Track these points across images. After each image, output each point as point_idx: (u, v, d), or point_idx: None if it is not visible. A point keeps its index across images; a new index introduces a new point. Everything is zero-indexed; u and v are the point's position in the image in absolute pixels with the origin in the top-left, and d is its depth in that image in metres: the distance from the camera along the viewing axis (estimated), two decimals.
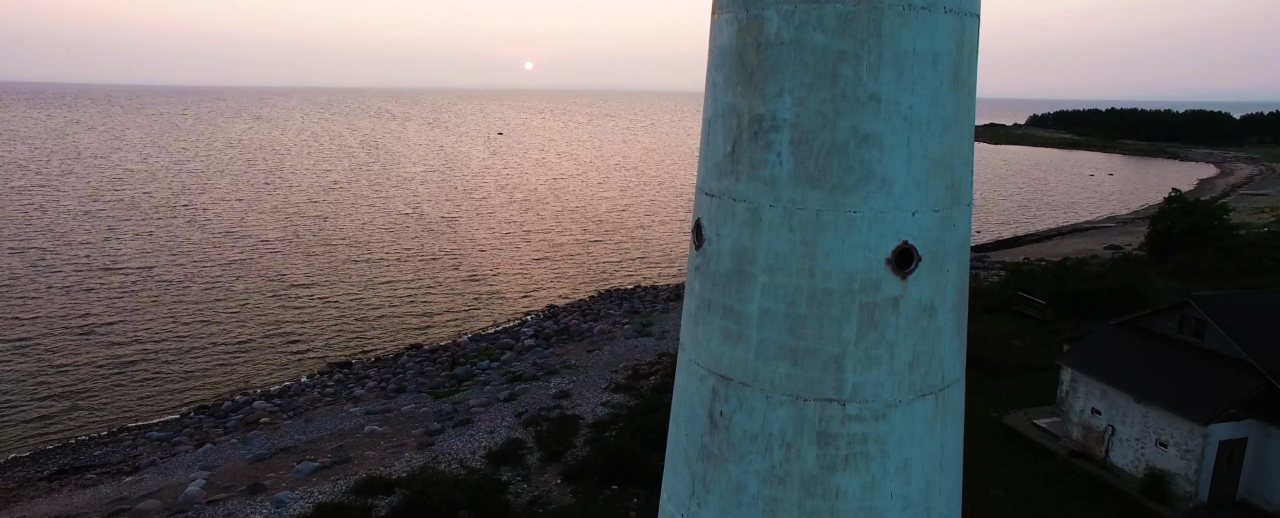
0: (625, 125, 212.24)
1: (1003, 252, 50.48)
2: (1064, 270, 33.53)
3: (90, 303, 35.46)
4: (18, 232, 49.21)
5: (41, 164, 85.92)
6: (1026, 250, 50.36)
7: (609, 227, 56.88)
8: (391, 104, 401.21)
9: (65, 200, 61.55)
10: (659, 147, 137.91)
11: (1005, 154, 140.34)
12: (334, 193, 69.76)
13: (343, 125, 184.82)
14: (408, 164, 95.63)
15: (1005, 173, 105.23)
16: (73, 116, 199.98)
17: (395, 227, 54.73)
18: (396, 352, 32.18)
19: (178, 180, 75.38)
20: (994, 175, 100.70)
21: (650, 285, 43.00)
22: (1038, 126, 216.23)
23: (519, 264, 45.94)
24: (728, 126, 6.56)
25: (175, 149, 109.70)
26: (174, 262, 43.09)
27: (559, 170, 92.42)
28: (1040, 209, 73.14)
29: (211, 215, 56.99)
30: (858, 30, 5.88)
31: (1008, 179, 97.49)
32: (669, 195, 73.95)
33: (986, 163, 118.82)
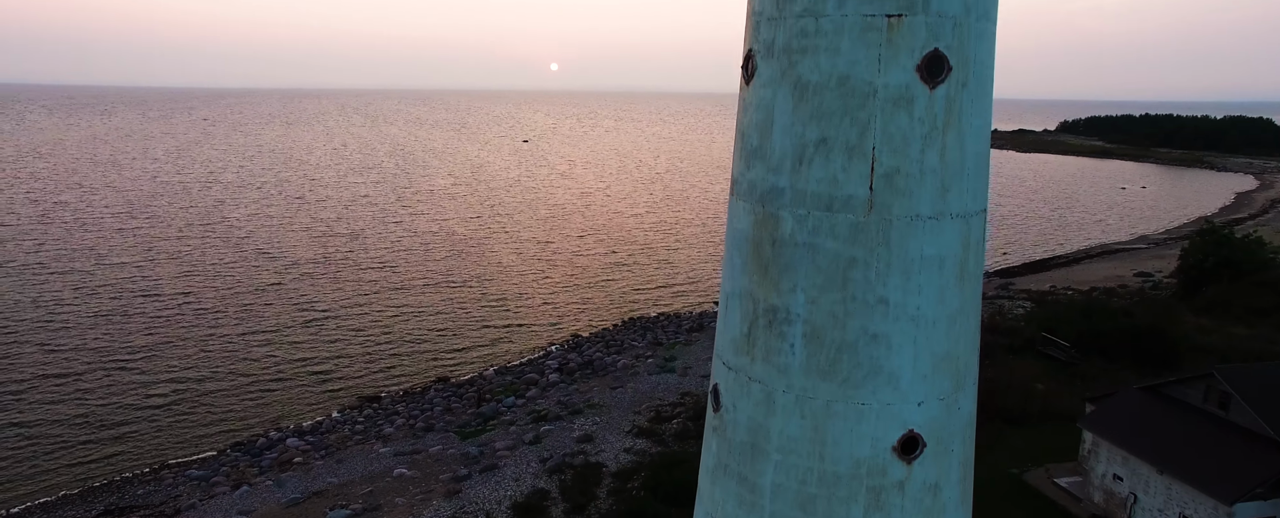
0: (650, 133, 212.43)
1: (1029, 277, 50.04)
2: (1090, 308, 33.29)
3: (129, 332, 36.57)
4: (61, 251, 50.76)
5: (83, 175, 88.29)
6: (1053, 276, 49.88)
7: (633, 248, 57.28)
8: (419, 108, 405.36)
9: (105, 217, 63.25)
10: (684, 156, 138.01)
11: (1034, 163, 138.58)
12: (363, 209, 70.93)
13: (371, 132, 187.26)
14: (436, 176, 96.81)
15: (1034, 184, 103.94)
16: (112, 124, 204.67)
17: (423, 247, 55.58)
18: (424, 385, 32.84)
19: (211, 194, 77.07)
20: (1023, 188, 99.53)
21: (673, 313, 43.31)
22: (1068, 133, 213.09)
23: (544, 289, 46.47)
24: (744, 309, 6.92)
25: (210, 159, 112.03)
26: (208, 286, 44.22)
27: (584, 184, 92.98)
28: (1069, 227, 72.26)
29: (245, 233, 58.28)
30: (867, 239, 6.20)
31: (1037, 192, 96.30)
32: (693, 213, 74.17)
33: (1015, 172, 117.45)
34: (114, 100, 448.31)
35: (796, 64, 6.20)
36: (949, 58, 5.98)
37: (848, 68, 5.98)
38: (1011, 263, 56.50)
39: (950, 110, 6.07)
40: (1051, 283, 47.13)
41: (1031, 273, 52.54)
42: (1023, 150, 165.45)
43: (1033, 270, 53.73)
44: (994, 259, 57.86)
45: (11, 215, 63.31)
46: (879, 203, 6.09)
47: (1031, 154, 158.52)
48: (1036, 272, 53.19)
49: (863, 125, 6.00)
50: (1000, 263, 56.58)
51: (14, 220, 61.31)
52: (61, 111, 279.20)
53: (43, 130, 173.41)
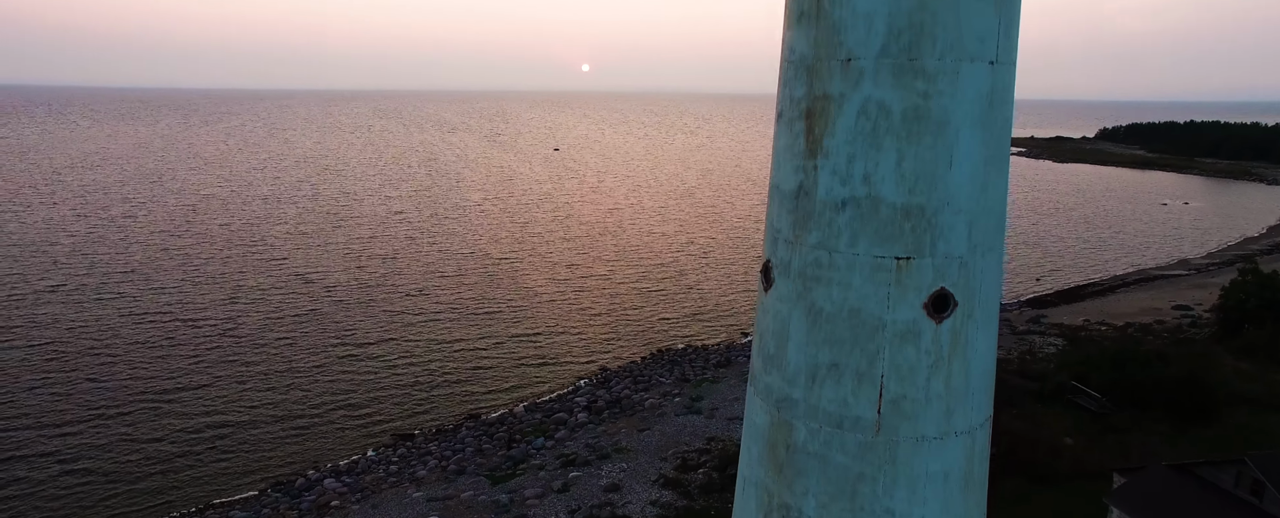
0: (680, 141, 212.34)
1: (1063, 309, 49.44)
2: (1122, 356, 32.89)
3: (173, 363, 37.86)
4: (109, 274, 52.53)
5: (130, 189, 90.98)
6: (1087, 308, 49.23)
7: (663, 274, 57.64)
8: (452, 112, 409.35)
9: (150, 236, 65.21)
10: (713, 167, 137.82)
11: (1072, 175, 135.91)
12: (397, 227, 72.23)
13: (405, 139, 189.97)
14: (468, 189, 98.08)
15: (1072, 200, 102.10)
16: (157, 131, 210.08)
17: (456, 271, 56.52)
18: (456, 423, 33.58)
19: (250, 211, 79.03)
20: (1060, 204, 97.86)
21: (700, 345, 43.61)
22: (1108, 141, 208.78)
23: (574, 318, 47.05)
24: (759, 499, 7.29)
25: (248, 170, 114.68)
26: (249, 313, 45.52)
27: (614, 198, 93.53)
28: (1106, 249, 71.05)
29: (283, 254, 59.75)
30: (875, 457, 6.54)
31: (1075, 209, 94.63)
32: (723, 232, 74.27)
33: (1052, 185, 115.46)
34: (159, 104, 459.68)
35: (811, 289, 6.55)
36: (954, 294, 6.29)
37: (858, 302, 6.32)
38: (1045, 290, 55.84)
39: (955, 342, 6.38)
40: (1085, 316, 46.53)
41: (1065, 303, 51.89)
42: (1060, 160, 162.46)
43: (1067, 299, 53.06)
44: (1027, 286, 57.28)
45: (65, 233, 65.60)
46: (887, 425, 6.42)
47: (1069, 164, 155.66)
48: (1070, 301, 52.52)
49: (872, 355, 6.34)
50: (1034, 290, 55.96)
51: (66, 239, 63.53)
52: (109, 118, 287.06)
53: (91, 139, 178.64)
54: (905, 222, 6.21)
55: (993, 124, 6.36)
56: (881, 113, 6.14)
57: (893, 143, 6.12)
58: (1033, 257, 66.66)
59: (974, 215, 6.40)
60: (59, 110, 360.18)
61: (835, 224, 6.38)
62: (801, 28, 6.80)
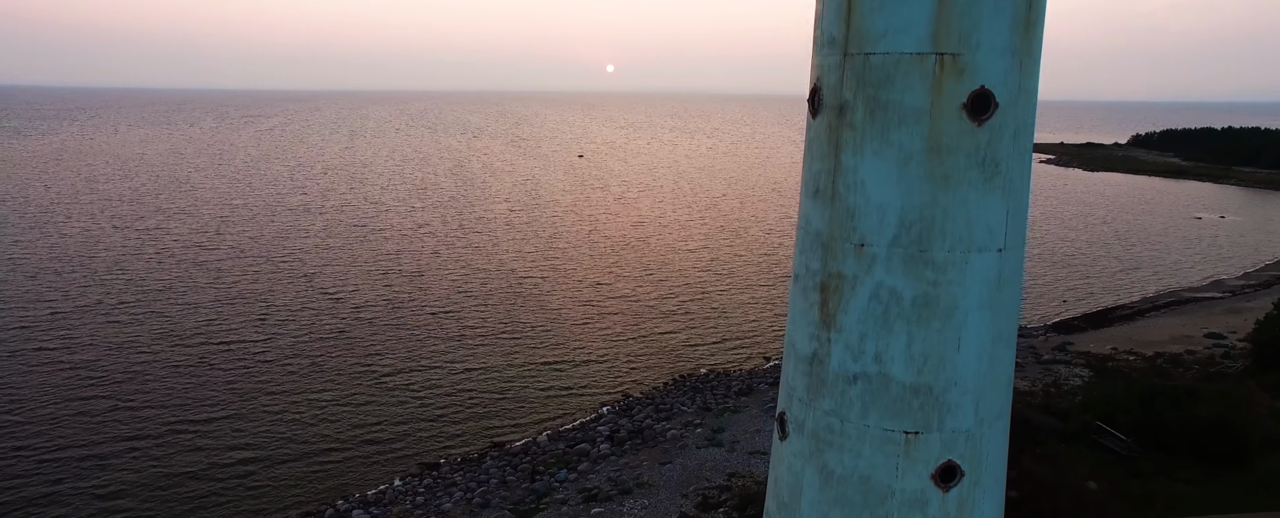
0: (706, 146, 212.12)
1: (1090, 335, 48.88)
2: (1150, 393, 32.52)
3: (202, 388, 38.80)
4: (144, 293, 53.89)
5: (165, 199, 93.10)
6: (1115, 335, 48.63)
7: (686, 294, 57.85)
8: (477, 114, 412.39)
9: (184, 249, 66.71)
10: (739, 176, 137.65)
11: (1102, 184, 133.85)
12: (423, 241, 73.17)
13: (431, 145, 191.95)
14: (493, 200, 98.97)
15: (1103, 212, 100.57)
16: (192, 135, 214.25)
17: (482, 288, 57.18)
18: (481, 452, 34.09)
19: (279, 221, 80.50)
20: (1089, 217, 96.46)
21: (722, 371, 43.79)
22: (1141, 147, 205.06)
23: (598, 341, 47.42)
24: None
25: (278, 179, 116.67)
26: (277, 333, 46.46)
27: (639, 211, 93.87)
28: (1136, 267, 70.03)
29: (311, 270, 60.85)
30: None
31: (1106, 222, 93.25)
32: (747, 248, 74.29)
33: (1082, 197, 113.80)
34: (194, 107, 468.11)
35: (823, 451, 6.83)
36: (961, 465, 6.54)
37: (868, 469, 6.59)
38: (1072, 313, 55.23)
39: (962, 509, 6.62)
40: (1113, 343, 45.98)
41: (1093, 328, 51.28)
42: (1090, 169, 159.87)
43: (1094, 324, 52.43)
44: (1054, 308, 56.67)
45: (102, 247, 67.32)
46: None
47: (1099, 173, 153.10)
48: (1099, 325, 51.90)
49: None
50: (1060, 312, 55.39)
51: (104, 253, 65.19)
52: (145, 122, 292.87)
53: (127, 145, 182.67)
54: (914, 399, 6.48)
55: (1001, 305, 6.59)
56: (893, 298, 6.41)
57: (903, 326, 6.39)
58: (1060, 276, 65.92)
59: (981, 391, 6.65)
60: (99, 113, 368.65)
61: (847, 395, 6.66)
62: (817, 204, 7.06)
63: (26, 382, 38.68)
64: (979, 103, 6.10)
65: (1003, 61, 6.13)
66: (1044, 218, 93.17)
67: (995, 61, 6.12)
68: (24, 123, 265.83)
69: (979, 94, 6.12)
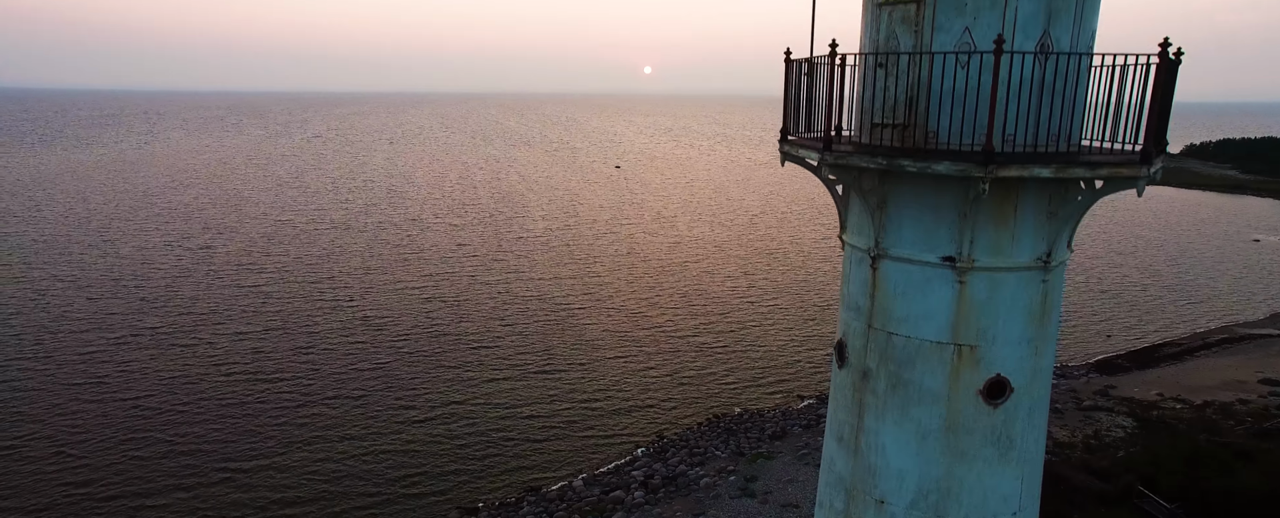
0: (746, 156, 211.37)
1: (1134, 377, 47.73)
2: (1197, 454, 31.71)
3: (248, 429, 40.00)
4: (194, 318, 55.69)
5: (214, 215, 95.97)
6: (1162, 378, 47.40)
7: (721, 324, 57.89)
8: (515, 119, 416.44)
9: (231, 271, 68.73)
10: (778, 190, 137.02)
11: (1152, 201, 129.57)
12: (463, 263, 74.32)
13: (470, 154, 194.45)
14: (531, 218, 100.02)
15: (1151, 233, 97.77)
16: (240, 144, 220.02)
17: (519, 319, 57.89)
18: (517, 497, 34.62)
19: (322, 241, 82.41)
20: (1137, 238, 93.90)
21: (756, 411, 43.74)
22: (1194, 158, 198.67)
23: (633, 378, 47.71)
24: None
25: (321, 193, 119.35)
26: (320, 368, 47.65)
27: (676, 230, 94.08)
28: (1187, 296, 68.08)
29: (353, 294, 62.22)
30: None
31: (1156, 244, 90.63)
32: (786, 275, 74.03)
33: (1128, 216, 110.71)
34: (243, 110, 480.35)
35: None
36: None
37: None
38: (1116, 351, 53.94)
39: None
40: (1159, 388, 44.86)
41: (1138, 367, 50.07)
42: None
43: (1140, 363, 51.17)
44: (1097, 345, 55.45)
45: (154, 268, 69.68)
46: None
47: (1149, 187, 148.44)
48: (1144, 365, 50.63)
49: None
50: (1103, 350, 54.16)
51: (156, 274, 67.47)
52: (198, 128, 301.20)
53: (180, 154, 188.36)
54: None
55: None
56: None
57: None
58: (1103, 307, 64.43)
59: None
60: (154, 119, 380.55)
61: None
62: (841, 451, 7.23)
63: (83, 413, 40.30)
64: (995, 389, 6.28)
65: (1018, 351, 6.31)
66: (1087, 240, 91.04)
67: (1011, 351, 6.30)
68: (86, 130, 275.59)
69: (995, 381, 6.30)
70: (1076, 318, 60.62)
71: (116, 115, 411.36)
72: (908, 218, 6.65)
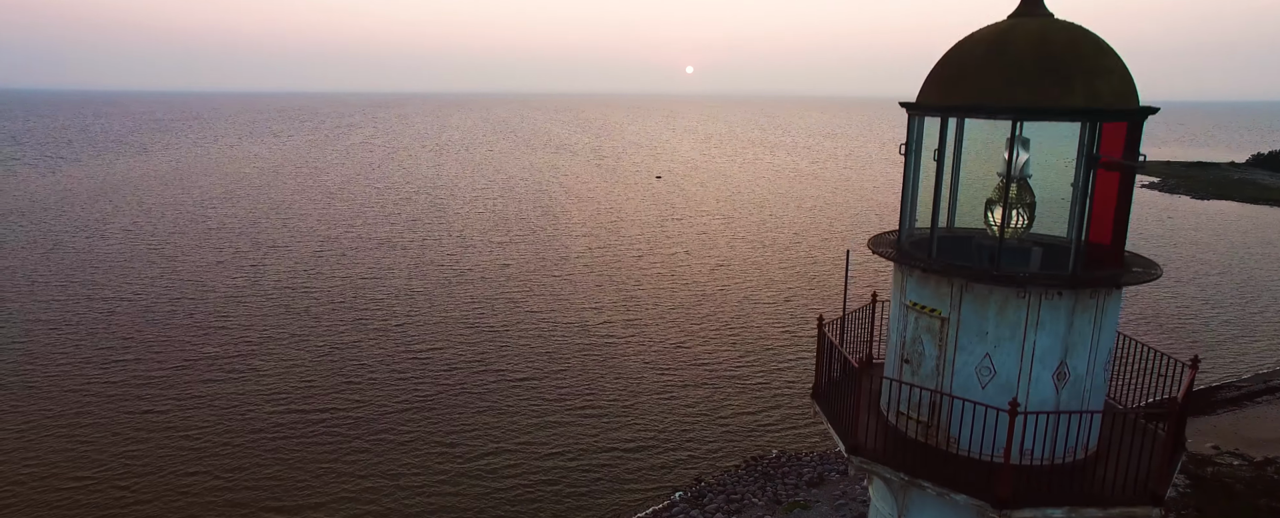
0: (790, 165, 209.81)
1: (1188, 424, 46.17)
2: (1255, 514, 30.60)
3: (290, 463, 41.10)
4: (245, 346, 57.38)
5: (263, 230, 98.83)
6: (1219, 427, 45.79)
7: (767, 358, 57.69)
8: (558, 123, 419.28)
9: (281, 293, 70.64)
10: (822, 204, 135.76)
11: (1213, 217, 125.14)
12: (506, 285, 75.27)
13: (514, 162, 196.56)
14: (573, 235, 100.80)
15: (1211, 256, 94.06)
16: (289, 150, 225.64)
17: (562, 351, 58.38)
18: None
19: (368, 258, 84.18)
20: (1195, 260, 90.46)
21: (794, 453, 43.48)
22: (1263, 168, 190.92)
23: (674, 415, 47.79)
24: None
25: (367, 206, 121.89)
26: (366, 402, 48.70)
27: (718, 251, 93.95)
28: (1248, 333, 65.55)
29: (399, 320, 63.48)
30: None
31: (1218, 268, 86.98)
32: (824, 301, 73.42)
33: (1187, 235, 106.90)
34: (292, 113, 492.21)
35: None
36: None
37: None
38: (1171, 391, 52.13)
39: None
40: (1215, 440, 43.36)
41: (1193, 412, 48.35)
42: (1199, 196, 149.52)
43: (1196, 407, 49.40)
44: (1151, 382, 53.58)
45: (207, 289, 71.99)
46: None
47: (1210, 201, 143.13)
48: (1200, 411, 48.87)
49: None
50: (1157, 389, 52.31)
51: (211, 297, 69.71)
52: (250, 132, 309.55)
53: (232, 162, 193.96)
54: None
55: None
56: None
57: None
58: (1157, 340, 62.30)
59: None
60: (209, 122, 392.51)
61: None
62: None
63: (139, 443, 41.86)
64: None
65: None
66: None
67: None
68: (147, 136, 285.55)
69: None
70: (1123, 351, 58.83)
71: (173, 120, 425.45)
72: (929, 512, 6.81)
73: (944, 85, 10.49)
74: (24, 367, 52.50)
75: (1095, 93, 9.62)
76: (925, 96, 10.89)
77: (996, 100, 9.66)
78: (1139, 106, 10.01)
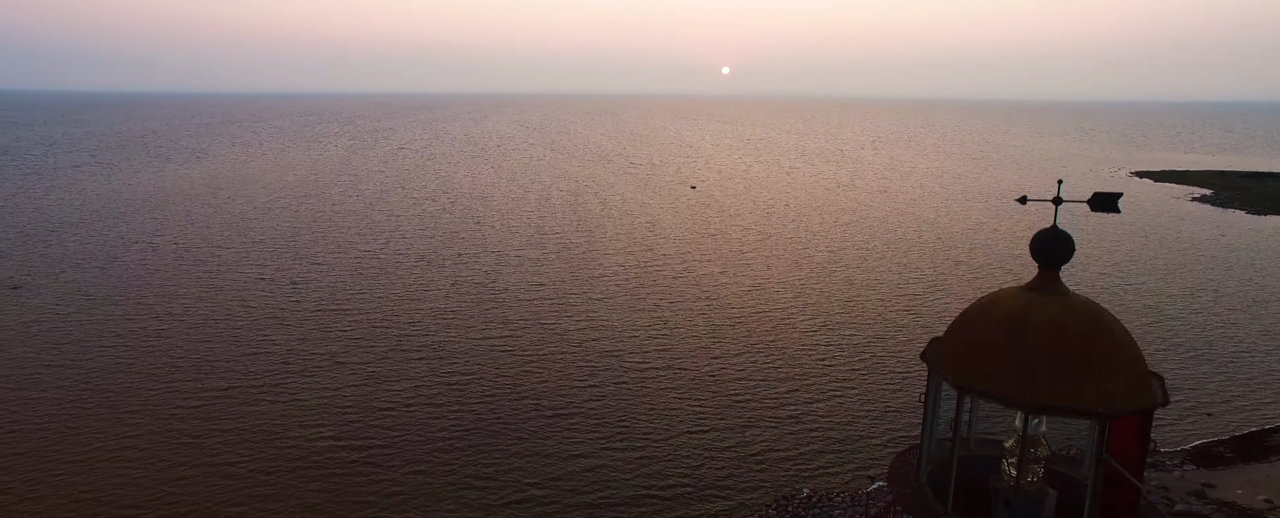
0: (827, 176, 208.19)
1: (1236, 472, 44.73)
2: None
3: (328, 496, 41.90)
4: (287, 374, 58.67)
5: (303, 244, 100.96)
6: (1271, 475, 44.25)
7: (791, 390, 57.30)
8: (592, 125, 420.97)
9: (319, 315, 72.05)
10: (857, 218, 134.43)
11: (1271, 235, 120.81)
12: (540, 307, 75.86)
13: (550, 170, 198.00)
14: (608, 253, 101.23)
15: (1271, 279, 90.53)
16: (327, 157, 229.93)
17: (595, 379, 58.65)
18: None
19: (405, 277, 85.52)
20: (1252, 286, 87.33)
21: (825, 493, 43.15)
22: None
23: (707, 452, 47.71)
24: None
25: (406, 218, 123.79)
26: (399, 439, 49.46)
27: (753, 273, 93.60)
28: None
29: (435, 344, 64.35)
30: None
31: (1271, 298, 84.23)
32: (862, 331, 72.64)
33: (1243, 257, 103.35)
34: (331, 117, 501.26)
35: None
36: None
37: None
38: (1217, 435, 50.59)
39: None
40: (1266, 492, 41.91)
41: (1242, 459, 46.82)
42: (1256, 211, 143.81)
43: (1245, 454, 47.82)
44: (1196, 424, 52.08)
45: (254, 310, 73.77)
46: None
47: (1268, 217, 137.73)
48: (1250, 457, 47.30)
49: None
50: (1202, 432, 50.80)
51: (255, 319, 71.40)
52: (289, 137, 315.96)
53: (273, 170, 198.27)
54: None
55: None
56: None
57: None
58: (1204, 376, 60.45)
59: None
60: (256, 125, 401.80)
61: None
62: None
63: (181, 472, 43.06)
64: None
65: None
66: (1192, 289, 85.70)
67: None
68: (199, 141, 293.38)
69: None
70: (1173, 394, 57.18)
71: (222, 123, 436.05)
72: None
73: (960, 361, 11.32)
74: (81, 389, 54.37)
75: (1107, 395, 10.34)
76: (941, 363, 11.71)
77: (1009, 393, 10.54)
78: (1149, 404, 10.61)
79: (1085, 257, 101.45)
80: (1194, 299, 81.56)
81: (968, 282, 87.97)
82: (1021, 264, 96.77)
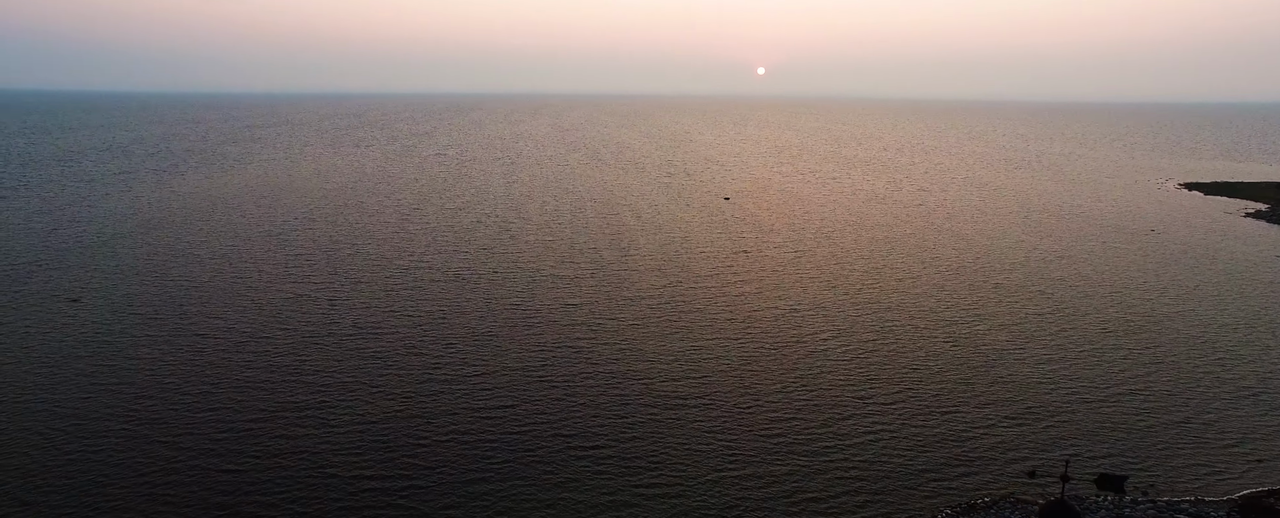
0: (862, 185, 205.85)
1: None
2: None
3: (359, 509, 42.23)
4: (324, 390, 59.50)
5: (345, 256, 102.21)
6: None
7: (828, 417, 56.49)
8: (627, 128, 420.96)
9: (355, 331, 72.89)
10: (892, 233, 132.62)
11: None
12: (572, 329, 75.85)
13: (583, 181, 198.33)
14: (641, 270, 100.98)
15: None
16: (366, 164, 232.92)
17: (626, 407, 58.36)
18: None
19: (440, 293, 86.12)
20: None
21: None
22: None
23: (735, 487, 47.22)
24: None
25: (443, 229, 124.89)
26: (442, 468, 49.72)
27: (787, 294, 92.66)
28: None
29: (467, 365, 64.57)
30: None
31: None
32: (896, 361, 71.40)
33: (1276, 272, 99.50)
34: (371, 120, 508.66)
35: None
36: None
37: None
38: (1268, 478, 48.62)
39: None
40: None
41: None
42: None
43: None
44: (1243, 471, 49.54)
45: (294, 325, 74.87)
46: None
47: None
48: None
49: None
50: (1250, 481, 48.24)
51: (293, 336, 72.54)
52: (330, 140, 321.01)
53: (314, 177, 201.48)
54: None
55: None
56: None
57: None
58: (1252, 416, 57.99)
59: None
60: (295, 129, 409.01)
61: None
62: None
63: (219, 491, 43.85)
64: None
65: None
66: (1248, 319, 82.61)
67: None
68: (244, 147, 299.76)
69: None
70: (1213, 429, 54.93)
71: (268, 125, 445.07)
72: None
73: None
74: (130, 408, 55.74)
75: None
76: None
77: None
78: None
79: (1133, 282, 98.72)
80: (1250, 330, 78.62)
81: (1007, 307, 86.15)
82: (1063, 288, 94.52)
